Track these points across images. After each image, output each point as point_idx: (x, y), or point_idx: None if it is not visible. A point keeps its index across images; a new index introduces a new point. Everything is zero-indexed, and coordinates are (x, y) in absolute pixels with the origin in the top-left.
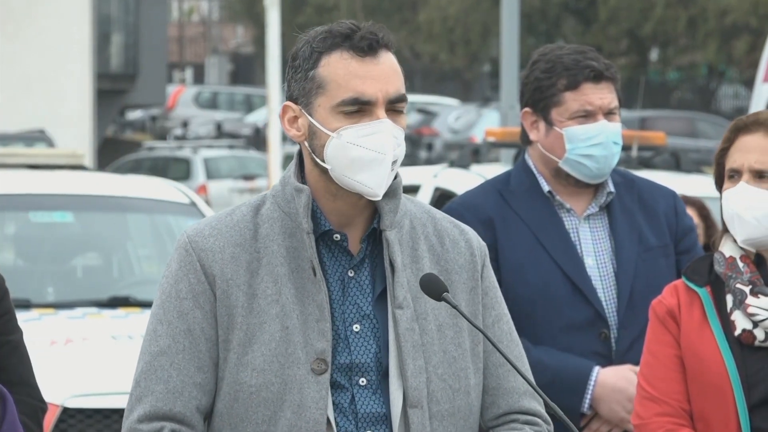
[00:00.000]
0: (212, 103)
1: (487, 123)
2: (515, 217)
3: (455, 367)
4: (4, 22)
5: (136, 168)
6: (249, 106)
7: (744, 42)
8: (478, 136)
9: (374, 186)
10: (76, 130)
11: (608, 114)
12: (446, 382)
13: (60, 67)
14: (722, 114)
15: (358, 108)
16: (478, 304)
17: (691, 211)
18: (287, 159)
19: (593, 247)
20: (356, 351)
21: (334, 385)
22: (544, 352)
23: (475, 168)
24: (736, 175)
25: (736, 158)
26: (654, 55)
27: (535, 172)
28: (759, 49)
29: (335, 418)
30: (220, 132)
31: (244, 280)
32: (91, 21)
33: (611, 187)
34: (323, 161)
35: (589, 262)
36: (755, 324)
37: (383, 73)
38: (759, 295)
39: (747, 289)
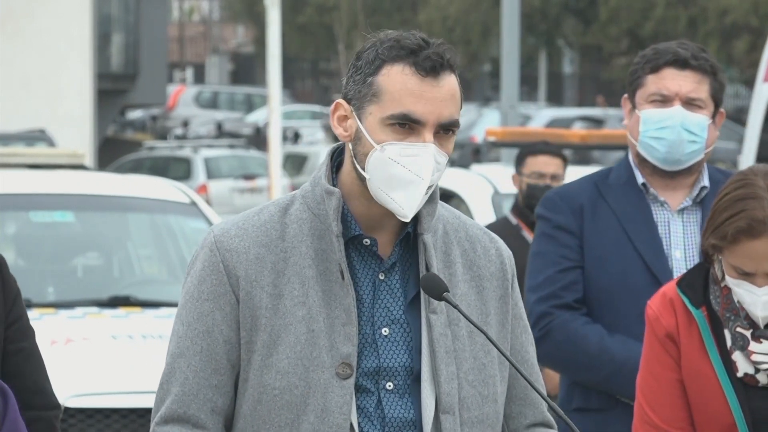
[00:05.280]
0: (213, 103)
1: (487, 123)
2: (606, 207)
3: (484, 374)
4: (4, 22)
5: (137, 168)
6: (249, 105)
7: (744, 42)
8: (478, 136)
9: (406, 207)
10: (76, 130)
11: (688, 103)
12: (476, 389)
13: (60, 66)
14: None
15: (407, 125)
16: (507, 314)
17: None
18: (287, 159)
19: (683, 241)
20: (384, 355)
21: (360, 389)
22: (617, 340)
23: (476, 167)
24: (745, 274)
25: (746, 263)
26: None
27: (633, 165)
28: (759, 48)
29: (360, 423)
30: (220, 132)
31: (269, 281)
32: (91, 21)
33: (706, 182)
34: (363, 169)
35: (677, 255)
36: (758, 370)
37: (440, 97)
38: (761, 340)
39: (748, 334)
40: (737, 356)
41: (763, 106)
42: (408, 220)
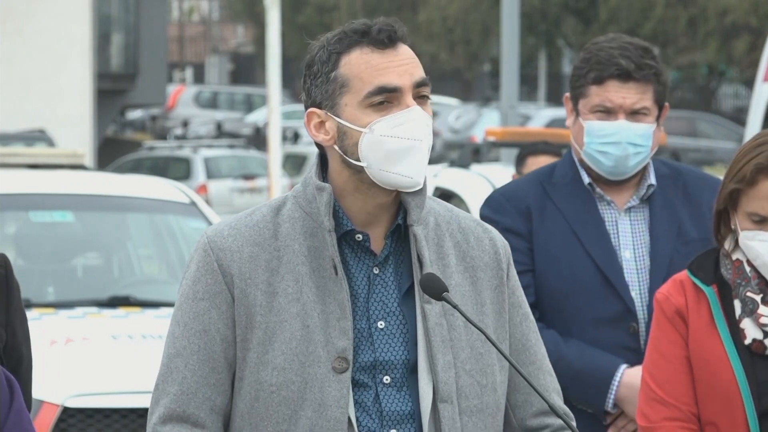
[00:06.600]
0: (212, 103)
1: (487, 123)
2: (553, 209)
3: (482, 363)
4: (4, 22)
5: (137, 168)
6: (249, 105)
7: (744, 42)
8: (478, 136)
9: (413, 174)
10: (76, 130)
11: (633, 114)
12: (474, 378)
13: (60, 66)
14: (722, 114)
15: (386, 98)
16: (504, 303)
17: None
18: (287, 159)
19: (632, 240)
20: (381, 348)
21: (357, 384)
22: (572, 347)
23: (476, 168)
24: (762, 221)
25: (764, 206)
26: None
27: (578, 165)
28: (759, 48)
29: (358, 417)
30: (220, 132)
31: (263, 278)
32: (91, 20)
33: (652, 180)
34: (358, 160)
35: (627, 255)
36: (766, 334)
37: (405, 61)
38: None
39: (758, 298)
40: (746, 323)
41: (763, 106)
42: (419, 187)
